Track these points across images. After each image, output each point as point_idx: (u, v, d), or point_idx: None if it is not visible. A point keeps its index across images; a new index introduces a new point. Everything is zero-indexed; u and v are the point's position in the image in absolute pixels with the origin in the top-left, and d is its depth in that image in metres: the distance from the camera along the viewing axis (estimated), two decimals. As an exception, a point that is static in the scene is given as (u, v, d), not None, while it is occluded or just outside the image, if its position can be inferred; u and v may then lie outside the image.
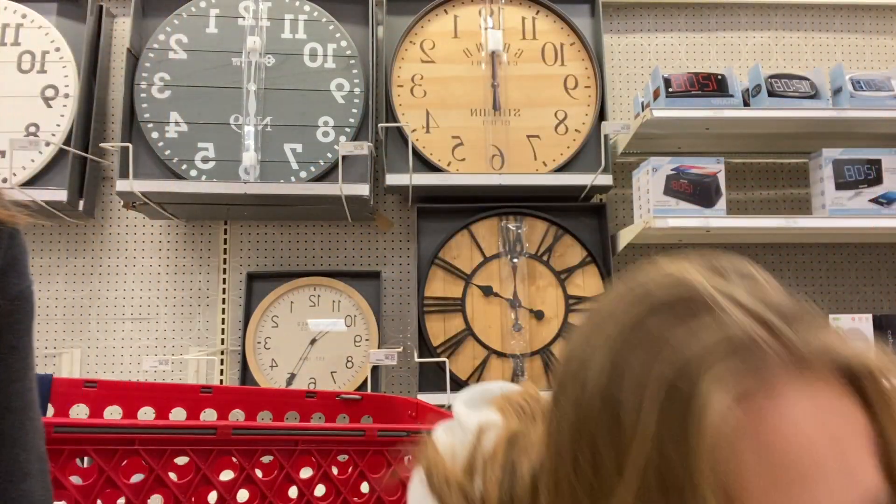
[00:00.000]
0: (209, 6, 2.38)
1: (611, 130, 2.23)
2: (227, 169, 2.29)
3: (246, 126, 2.31)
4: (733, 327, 0.48)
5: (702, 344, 0.48)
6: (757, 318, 0.49)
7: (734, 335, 0.48)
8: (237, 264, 2.49)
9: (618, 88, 2.65)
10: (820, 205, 2.24)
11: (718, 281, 0.54)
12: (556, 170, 2.34)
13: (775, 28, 2.69)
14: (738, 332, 0.48)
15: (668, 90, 2.22)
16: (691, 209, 2.15)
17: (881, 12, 2.71)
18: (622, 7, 2.67)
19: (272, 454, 1.34)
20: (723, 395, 0.45)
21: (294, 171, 2.31)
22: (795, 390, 0.47)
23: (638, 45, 2.67)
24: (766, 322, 0.49)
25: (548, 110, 2.39)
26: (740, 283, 0.53)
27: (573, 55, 2.43)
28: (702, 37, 2.68)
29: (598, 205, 2.42)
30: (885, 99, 2.26)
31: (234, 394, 1.58)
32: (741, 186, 2.61)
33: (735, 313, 0.49)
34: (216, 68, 2.33)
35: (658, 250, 2.55)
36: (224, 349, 2.44)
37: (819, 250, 2.59)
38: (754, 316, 0.49)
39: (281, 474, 1.35)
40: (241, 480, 1.32)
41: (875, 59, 2.70)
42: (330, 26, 2.40)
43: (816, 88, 2.28)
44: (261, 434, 1.33)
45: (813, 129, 2.34)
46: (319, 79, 2.36)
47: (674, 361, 0.47)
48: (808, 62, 2.68)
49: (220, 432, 1.29)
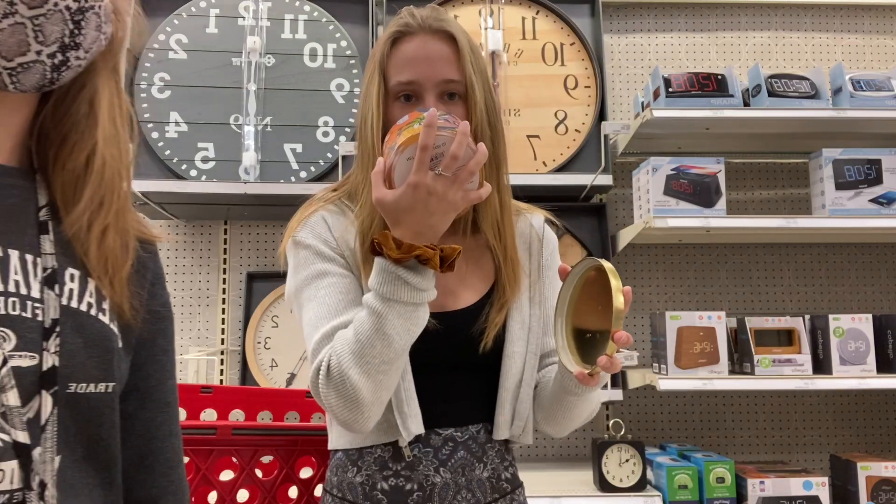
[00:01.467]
0: (209, 6, 2.38)
1: (611, 130, 2.23)
2: (227, 169, 2.29)
3: (246, 126, 2.31)
4: (404, 16, 1.16)
5: (394, 22, 1.17)
6: (409, 13, 1.15)
7: (401, 17, 1.16)
8: (237, 264, 2.49)
9: (618, 88, 2.65)
10: (820, 205, 2.24)
11: (413, 12, 1.18)
12: (556, 170, 2.34)
13: (775, 28, 2.69)
14: (403, 16, 1.16)
15: (668, 90, 2.22)
16: (691, 209, 2.15)
17: (881, 12, 2.71)
18: (622, 7, 2.67)
19: (272, 454, 1.34)
20: (387, 35, 1.15)
21: (294, 171, 2.31)
22: (418, 35, 1.13)
23: (638, 45, 2.67)
24: (412, 14, 1.15)
25: (548, 110, 2.39)
26: (418, 11, 1.17)
27: (573, 55, 2.43)
28: (702, 37, 2.68)
29: (598, 205, 2.42)
30: (885, 99, 2.26)
31: (234, 394, 1.58)
32: (741, 186, 2.61)
33: (405, 13, 1.16)
34: (216, 68, 2.33)
35: (658, 250, 2.55)
36: (224, 349, 2.44)
37: (819, 250, 2.59)
38: (409, 13, 1.15)
39: (281, 474, 1.35)
40: (241, 480, 1.32)
41: (875, 59, 2.70)
42: (330, 26, 2.40)
43: (816, 88, 2.28)
44: (261, 434, 1.33)
45: (813, 129, 2.34)
46: (319, 79, 2.36)
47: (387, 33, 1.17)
48: (808, 62, 2.68)
49: (220, 432, 1.29)
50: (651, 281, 2.55)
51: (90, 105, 0.76)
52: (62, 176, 0.75)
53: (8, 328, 0.67)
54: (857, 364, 2.12)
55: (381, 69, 1.14)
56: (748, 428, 2.51)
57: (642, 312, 2.54)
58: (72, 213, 0.74)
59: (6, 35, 0.67)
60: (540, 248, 1.24)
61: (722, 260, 2.56)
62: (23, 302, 0.69)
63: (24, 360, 0.68)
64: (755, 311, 2.54)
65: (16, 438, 0.66)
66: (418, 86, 1.12)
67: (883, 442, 2.51)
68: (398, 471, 1.08)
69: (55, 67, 0.70)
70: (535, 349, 1.16)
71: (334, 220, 1.14)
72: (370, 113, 1.14)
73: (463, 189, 0.96)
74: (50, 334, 0.70)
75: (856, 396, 2.52)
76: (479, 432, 1.13)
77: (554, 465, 2.39)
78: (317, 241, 1.11)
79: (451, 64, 1.12)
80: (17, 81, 0.69)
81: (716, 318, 2.11)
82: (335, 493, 1.13)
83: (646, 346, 2.50)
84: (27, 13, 0.67)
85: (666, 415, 2.50)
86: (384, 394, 1.02)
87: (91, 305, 0.74)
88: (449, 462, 1.09)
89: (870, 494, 2.07)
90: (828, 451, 2.47)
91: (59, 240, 0.74)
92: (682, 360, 2.09)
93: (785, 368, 2.11)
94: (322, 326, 1.05)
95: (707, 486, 2.03)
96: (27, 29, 0.67)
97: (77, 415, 0.71)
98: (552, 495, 1.98)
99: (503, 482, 1.14)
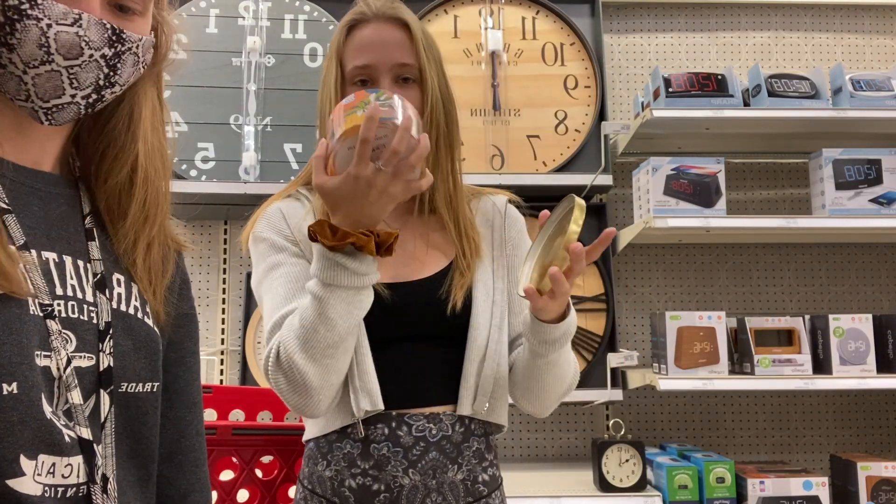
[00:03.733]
0: (209, 6, 2.38)
1: (611, 130, 2.23)
2: (227, 169, 2.29)
3: (246, 126, 2.31)
4: (359, 4, 1.19)
5: (350, 11, 1.20)
6: (364, 3, 1.19)
7: (357, 5, 1.19)
8: (237, 264, 2.49)
9: (618, 88, 2.65)
10: (820, 205, 2.24)
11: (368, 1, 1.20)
12: (556, 170, 2.34)
13: (775, 28, 2.69)
14: (359, 4, 1.19)
15: (668, 90, 2.22)
16: (691, 209, 2.15)
17: (881, 12, 2.71)
18: (622, 7, 2.67)
19: (272, 454, 1.34)
20: (342, 24, 1.19)
21: (294, 171, 2.31)
22: (372, 22, 1.17)
23: (638, 45, 2.67)
24: (367, 3, 1.18)
25: (548, 110, 2.39)
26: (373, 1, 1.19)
27: (573, 55, 2.43)
28: (702, 37, 2.68)
29: (598, 205, 2.42)
30: (885, 99, 2.26)
31: (234, 394, 1.58)
32: (741, 186, 2.61)
33: (361, 2, 1.20)
34: (216, 68, 2.33)
35: (658, 250, 2.55)
36: (224, 349, 2.44)
37: (819, 250, 2.59)
38: (364, 3, 1.19)
39: (281, 474, 1.35)
40: (241, 480, 1.32)
41: (875, 59, 2.70)
42: (330, 26, 2.40)
43: (816, 88, 2.28)
44: (261, 434, 1.33)
45: (813, 129, 2.33)
46: (319, 79, 2.36)
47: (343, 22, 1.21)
48: (808, 62, 2.68)
49: (220, 432, 1.29)
50: (651, 281, 2.55)
51: (129, 118, 0.79)
52: (105, 190, 0.78)
53: (69, 330, 0.70)
54: (857, 364, 2.12)
55: (337, 57, 1.18)
56: (748, 428, 2.51)
57: (642, 312, 2.54)
58: (119, 229, 0.78)
59: (42, 80, 0.69)
60: (503, 223, 1.25)
61: (722, 260, 2.56)
62: (80, 305, 0.72)
63: (83, 360, 0.71)
64: (755, 311, 2.54)
65: (80, 435, 0.69)
66: (373, 69, 1.15)
67: (883, 442, 2.51)
68: (366, 469, 1.07)
69: (89, 105, 0.73)
70: (499, 322, 1.15)
71: (290, 209, 1.18)
72: (328, 100, 1.18)
73: (404, 181, 0.96)
74: (104, 336, 0.73)
75: (856, 396, 2.52)
76: (455, 426, 1.10)
77: (554, 465, 2.39)
78: (271, 233, 1.15)
79: (404, 48, 1.16)
80: (51, 119, 0.71)
81: (716, 318, 2.11)
82: (306, 485, 1.13)
83: (646, 346, 2.50)
84: (63, 63, 0.69)
85: (666, 415, 2.50)
86: (333, 377, 1.03)
87: (137, 309, 0.78)
88: (419, 463, 1.07)
89: (870, 494, 2.07)
90: (828, 451, 2.47)
91: (104, 246, 0.78)
92: (682, 360, 2.09)
93: (785, 368, 2.11)
94: (273, 316, 1.07)
95: (707, 486, 2.03)
96: (62, 77, 0.70)
97: (126, 413, 0.75)
98: (552, 495, 1.98)
99: (479, 485, 1.10)
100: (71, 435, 0.68)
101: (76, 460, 0.68)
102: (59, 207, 0.75)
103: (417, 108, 1.10)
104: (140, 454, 0.77)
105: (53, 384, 0.68)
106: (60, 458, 0.67)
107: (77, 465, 0.68)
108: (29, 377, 0.65)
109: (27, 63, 0.68)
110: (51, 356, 0.68)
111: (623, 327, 2.52)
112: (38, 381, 0.66)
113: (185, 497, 0.85)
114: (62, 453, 0.67)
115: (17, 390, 0.64)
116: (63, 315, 0.70)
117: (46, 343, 0.68)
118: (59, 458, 0.67)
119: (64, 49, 0.68)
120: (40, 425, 0.65)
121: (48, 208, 0.74)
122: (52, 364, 0.68)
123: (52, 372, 0.68)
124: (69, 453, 0.67)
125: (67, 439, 0.67)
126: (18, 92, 0.69)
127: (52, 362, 0.68)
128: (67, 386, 0.69)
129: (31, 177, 0.74)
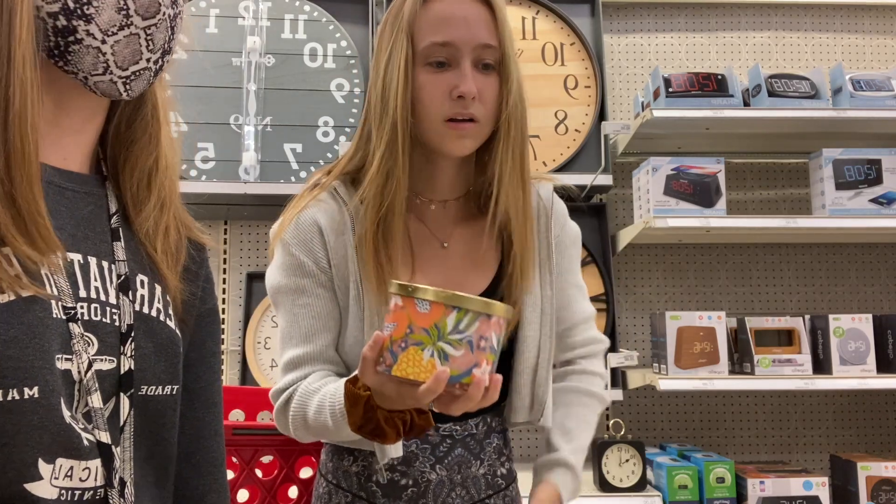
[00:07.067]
0: (209, 6, 2.38)
1: (611, 130, 2.23)
2: (227, 169, 2.29)
3: (246, 126, 2.31)
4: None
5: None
6: None
7: None
8: (237, 264, 2.49)
9: (618, 88, 2.65)
10: (820, 205, 2.24)
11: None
12: (556, 170, 2.34)
13: (775, 28, 2.69)
14: None
15: (668, 90, 2.22)
16: (691, 209, 2.15)
17: (881, 12, 2.71)
18: (622, 7, 2.67)
19: (272, 454, 1.34)
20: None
21: (294, 171, 2.31)
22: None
23: (638, 45, 2.67)
24: None
25: (548, 110, 2.39)
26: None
27: (573, 55, 2.43)
28: (702, 37, 2.68)
29: (597, 205, 2.42)
30: (885, 99, 2.26)
31: (234, 394, 1.58)
32: (741, 186, 2.61)
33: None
34: (216, 68, 2.33)
35: (658, 250, 2.55)
36: (224, 349, 2.44)
37: (819, 250, 2.59)
38: None
39: (281, 474, 1.35)
40: (241, 480, 1.32)
41: (875, 59, 2.70)
42: (330, 26, 2.40)
43: (816, 88, 2.27)
44: (261, 434, 1.33)
45: (813, 129, 2.33)
46: (319, 79, 2.36)
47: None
48: (808, 62, 2.68)
49: (220, 432, 1.29)
50: (651, 281, 2.55)
51: (154, 108, 0.80)
52: (132, 178, 0.78)
53: (92, 333, 0.70)
54: (857, 364, 2.12)
55: (408, 31, 1.02)
56: (748, 428, 2.50)
57: (642, 312, 2.54)
58: (143, 211, 0.78)
59: (121, 46, 0.69)
60: (548, 222, 1.17)
61: (722, 260, 2.56)
62: (103, 308, 0.72)
63: (104, 363, 0.71)
64: (755, 311, 2.54)
65: (99, 438, 0.69)
66: (454, 49, 1.01)
67: (883, 442, 2.51)
68: (394, 465, 1.08)
69: (157, 70, 0.74)
70: (549, 332, 1.13)
71: (328, 221, 1.07)
72: (395, 81, 1.01)
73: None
74: (126, 339, 0.73)
75: (856, 396, 2.52)
76: (478, 426, 1.12)
77: (554, 465, 2.39)
78: (301, 253, 1.06)
79: (488, 28, 1.03)
80: (130, 89, 0.72)
81: (716, 318, 2.11)
82: (329, 479, 1.13)
83: (646, 346, 2.50)
84: (141, 24, 0.69)
85: (666, 415, 2.50)
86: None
87: (160, 311, 0.78)
88: (446, 459, 1.09)
89: (870, 494, 2.07)
90: (828, 451, 2.47)
91: (129, 246, 0.77)
92: (682, 360, 2.09)
93: (785, 368, 2.11)
94: (291, 349, 1.06)
95: (707, 486, 2.03)
96: (141, 39, 0.70)
97: (145, 416, 0.74)
98: (552, 495, 1.98)
99: (498, 478, 1.14)
100: (90, 438, 0.68)
101: (94, 464, 0.68)
102: (87, 207, 0.75)
103: (496, 101, 1.03)
104: (158, 456, 0.77)
105: (74, 387, 0.68)
106: (78, 461, 0.67)
107: (95, 468, 0.68)
108: (50, 381, 0.65)
109: (106, 31, 0.68)
110: (72, 359, 0.68)
111: (623, 327, 2.52)
112: (59, 385, 0.66)
113: (202, 498, 0.85)
114: (80, 457, 0.67)
115: (39, 394, 0.64)
116: (86, 318, 0.70)
117: (68, 346, 0.67)
118: (77, 461, 0.67)
119: (143, 9, 0.68)
120: (59, 429, 0.65)
121: (75, 208, 0.73)
122: (73, 367, 0.68)
123: (73, 375, 0.68)
124: (87, 457, 0.67)
125: (86, 443, 0.67)
126: (95, 66, 0.69)
127: (74, 366, 0.68)
128: (88, 389, 0.68)
129: (60, 176, 0.73)
